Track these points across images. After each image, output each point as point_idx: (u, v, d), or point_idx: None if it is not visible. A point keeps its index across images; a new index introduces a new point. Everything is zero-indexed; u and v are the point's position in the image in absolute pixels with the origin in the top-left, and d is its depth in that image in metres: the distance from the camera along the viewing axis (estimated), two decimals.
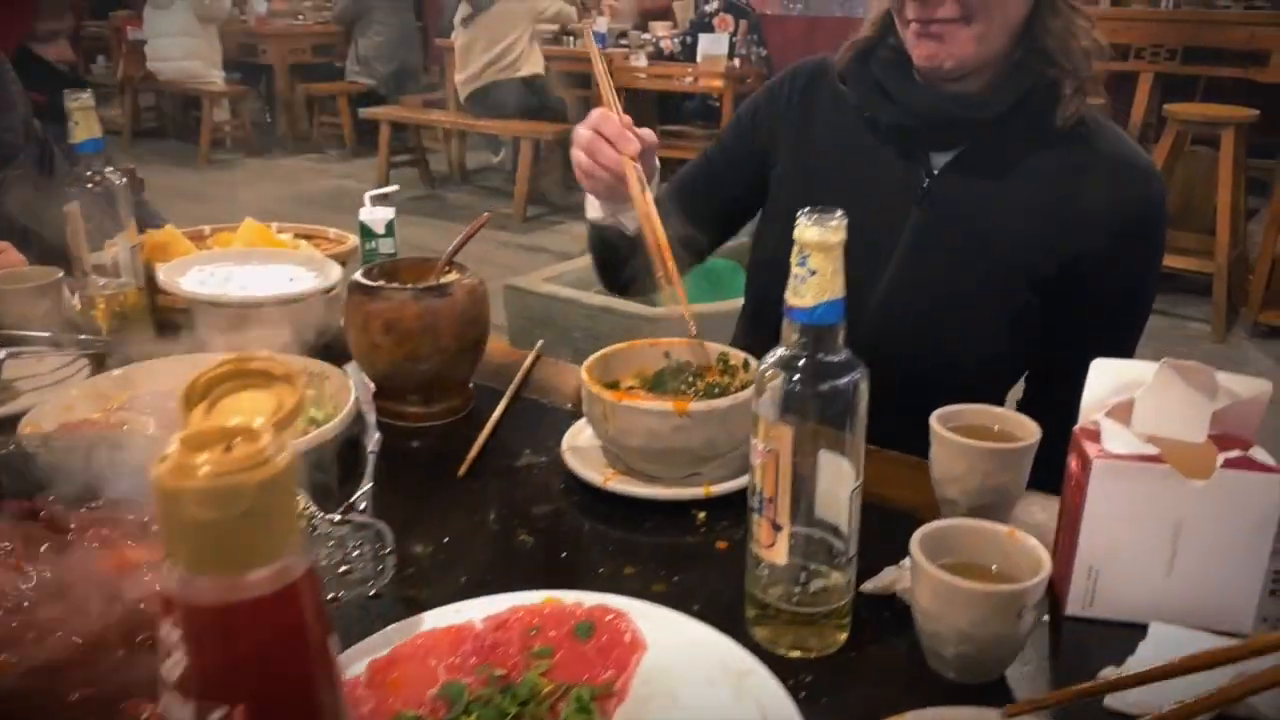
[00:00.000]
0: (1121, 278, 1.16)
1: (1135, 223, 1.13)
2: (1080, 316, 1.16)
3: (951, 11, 1.07)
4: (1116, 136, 1.16)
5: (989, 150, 1.15)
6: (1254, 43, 4.33)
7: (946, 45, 1.08)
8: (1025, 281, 1.15)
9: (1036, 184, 1.14)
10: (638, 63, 5.44)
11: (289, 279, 1.28)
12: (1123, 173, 1.13)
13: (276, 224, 1.63)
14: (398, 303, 1.06)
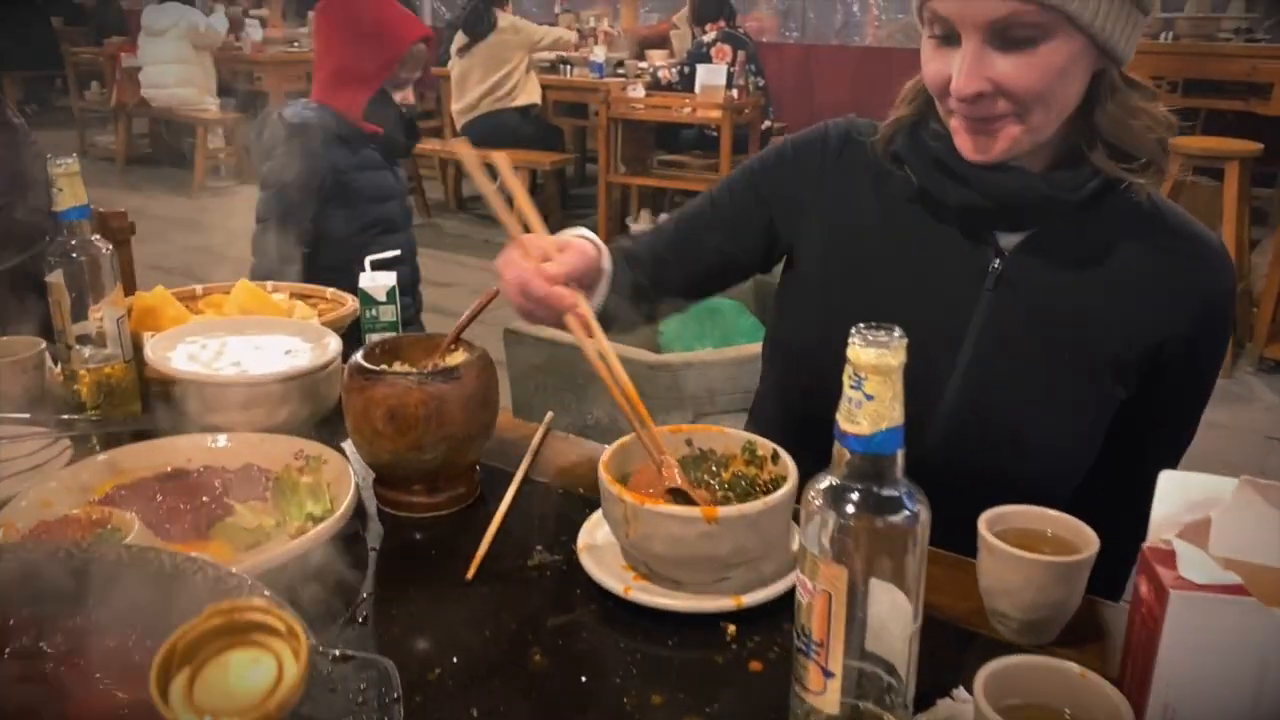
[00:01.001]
0: (1198, 361, 1.10)
1: (1213, 305, 1.08)
2: (1154, 402, 1.10)
3: (1004, 109, 0.98)
4: (1182, 215, 1.10)
5: (1064, 230, 1.07)
6: (1255, 75, 4.30)
7: (997, 140, 1.00)
8: (1111, 370, 1.07)
9: (1116, 265, 1.06)
10: (635, 93, 5.40)
11: (285, 351, 1.21)
12: (1199, 253, 1.08)
13: (272, 283, 1.56)
14: (401, 389, 0.99)
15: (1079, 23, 0.92)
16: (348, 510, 0.96)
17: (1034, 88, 0.95)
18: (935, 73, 1.00)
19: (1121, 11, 0.94)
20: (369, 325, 1.29)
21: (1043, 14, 0.91)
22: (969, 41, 0.95)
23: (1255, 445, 3.48)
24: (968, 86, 0.95)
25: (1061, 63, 0.94)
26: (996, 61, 0.95)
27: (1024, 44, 0.93)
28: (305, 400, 1.16)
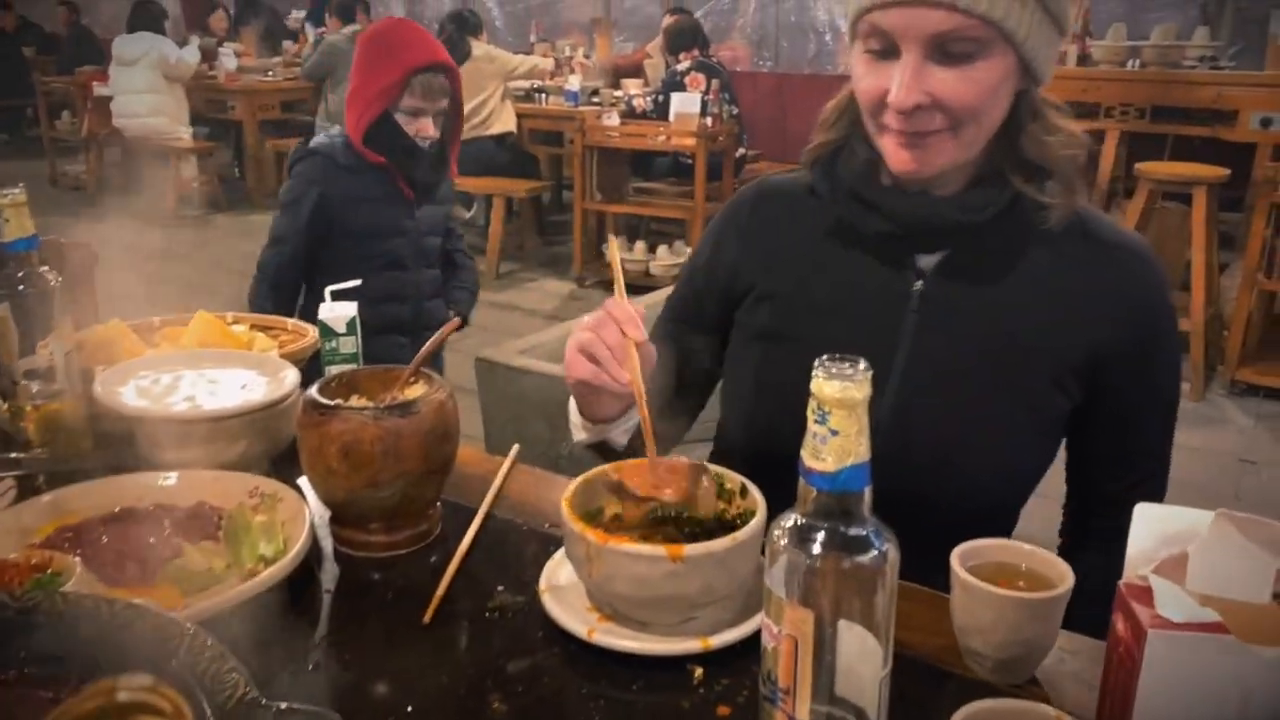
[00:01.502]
0: (1145, 368, 1.09)
1: (1143, 309, 1.08)
2: (1111, 416, 1.10)
3: (940, 123, 0.99)
4: (1106, 223, 1.11)
5: (981, 248, 1.08)
6: (1221, 102, 4.36)
7: (929, 154, 1.00)
8: (1045, 384, 1.07)
9: (1035, 278, 1.07)
10: (610, 121, 5.40)
11: (241, 386, 1.18)
12: (1122, 260, 1.08)
13: (232, 314, 1.53)
14: (355, 425, 0.96)
15: (1014, 40, 0.95)
16: (301, 551, 0.93)
17: (970, 102, 0.97)
18: (871, 87, 1.00)
19: (1045, 32, 0.97)
20: (329, 358, 1.25)
21: (984, 29, 0.93)
22: (909, 54, 0.96)
23: (1229, 468, 3.49)
24: (908, 99, 0.96)
25: (995, 79, 0.97)
26: (935, 75, 0.96)
27: (962, 59, 0.95)
28: (260, 436, 1.12)
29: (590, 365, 1.01)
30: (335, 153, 2.36)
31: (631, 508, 0.93)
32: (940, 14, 0.93)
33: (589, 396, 1.07)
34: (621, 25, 8.58)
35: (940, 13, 0.93)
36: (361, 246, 2.39)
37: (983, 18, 0.93)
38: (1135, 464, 1.13)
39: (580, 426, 1.14)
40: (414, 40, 2.36)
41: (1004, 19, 0.93)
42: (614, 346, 0.99)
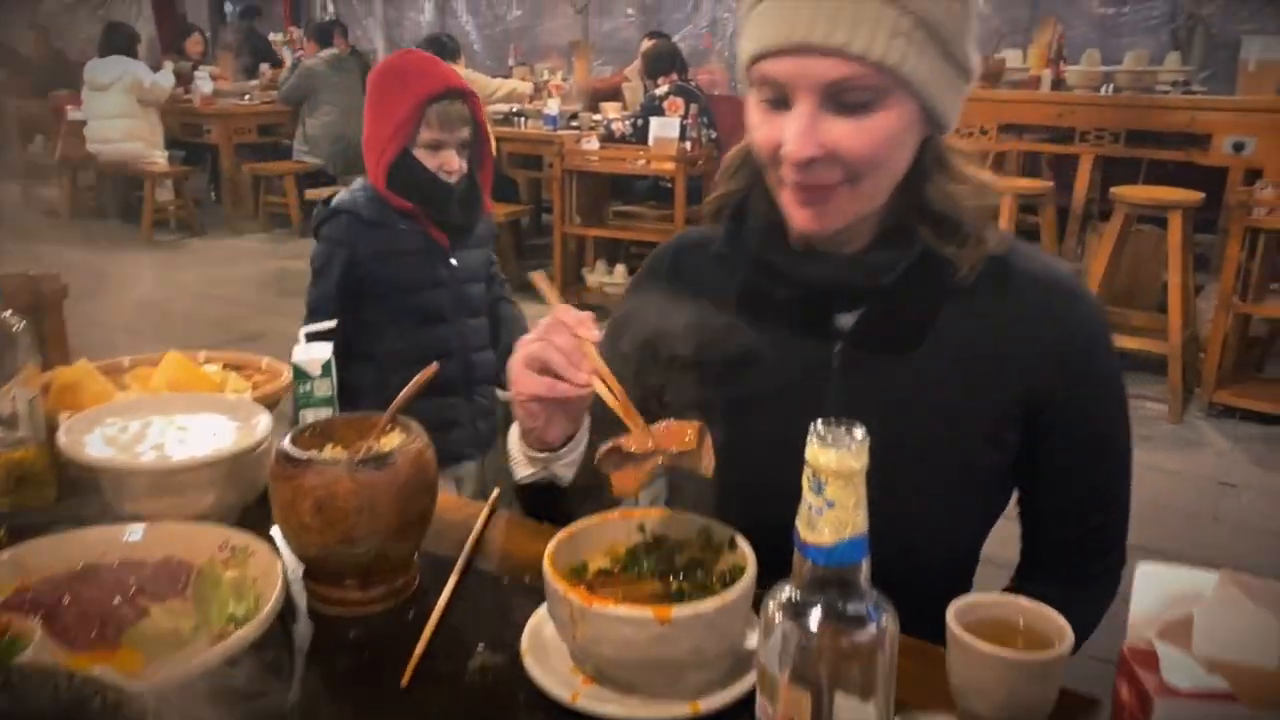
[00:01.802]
0: (1085, 410, 1.05)
1: (1076, 347, 1.03)
2: (1057, 463, 1.06)
3: (837, 176, 0.93)
4: (1034, 260, 1.06)
5: (896, 306, 1.03)
6: (1194, 126, 4.40)
7: (829, 210, 0.96)
8: (979, 436, 1.03)
9: (957, 330, 1.02)
10: (589, 146, 5.40)
11: (212, 433, 1.14)
12: (1051, 300, 1.03)
13: (205, 352, 1.49)
14: (329, 479, 0.92)
15: (913, 87, 0.90)
16: (272, 611, 0.89)
17: (868, 153, 0.92)
18: (765, 138, 0.95)
19: (947, 78, 0.93)
20: (303, 401, 1.22)
21: (879, 77, 0.89)
22: (802, 104, 0.91)
23: (1208, 491, 3.49)
24: (801, 151, 0.91)
25: (895, 128, 0.92)
26: (831, 126, 0.91)
27: (859, 108, 0.91)
28: (231, 486, 1.09)
29: (542, 378, 0.95)
30: (359, 208, 2.15)
31: (632, 472, 0.90)
32: (831, 62, 0.88)
33: (538, 417, 1.00)
34: (600, 49, 8.60)
35: (831, 61, 0.88)
36: (396, 304, 2.16)
37: (877, 65, 0.88)
38: (1086, 515, 1.09)
39: (523, 460, 1.07)
40: (425, 68, 2.17)
41: (900, 65, 0.89)
42: (568, 350, 0.95)
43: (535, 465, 1.06)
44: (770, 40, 0.90)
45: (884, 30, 0.87)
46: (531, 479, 1.07)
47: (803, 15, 0.88)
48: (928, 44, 0.90)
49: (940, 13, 0.90)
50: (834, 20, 0.87)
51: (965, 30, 0.93)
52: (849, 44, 0.87)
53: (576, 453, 1.06)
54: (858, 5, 0.87)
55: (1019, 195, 4.51)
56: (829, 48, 0.87)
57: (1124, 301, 4.66)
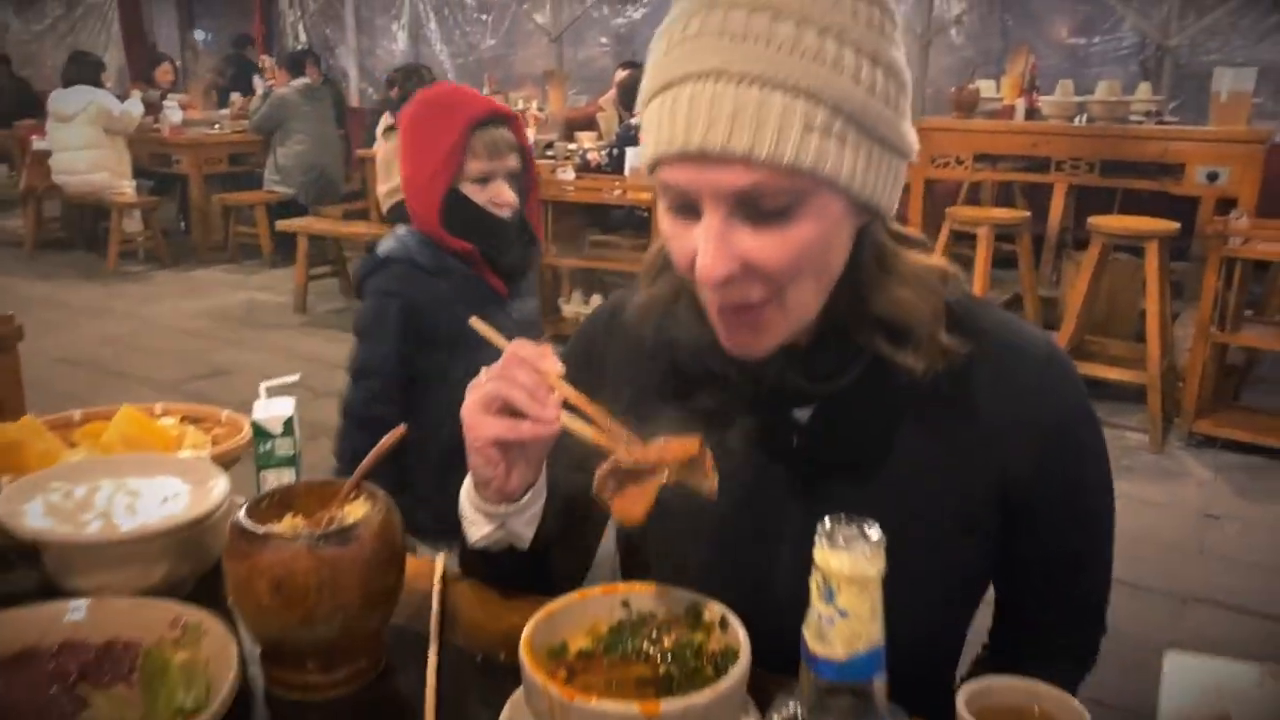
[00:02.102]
0: (1061, 497, 0.96)
1: (1054, 429, 0.94)
2: (1032, 540, 0.98)
3: (761, 294, 0.83)
4: (1003, 332, 0.95)
5: (853, 399, 0.93)
6: (1168, 156, 4.42)
7: (763, 332, 0.86)
8: (955, 532, 0.94)
9: (926, 412, 0.93)
10: (565, 176, 5.35)
11: (163, 499, 1.07)
12: (1021, 367, 0.94)
13: (162, 405, 1.41)
14: (288, 555, 0.85)
15: (838, 185, 0.79)
16: (225, 702, 0.82)
17: (791, 265, 0.81)
18: (679, 251, 0.84)
19: (880, 163, 0.82)
20: (263, 461, 1.15)
21: (795, 181, 0.78)
22: (712, 216, 0.80)
23: (1193, 523, 3.47)
24: (714, 271, 0.79)
25: (821, 233, 0.81)
26: (745, 238, 0.80)
27: (776, 216, 0.79)
28: (184, 557, 1.01)
29: (503, 420, 0.87)
30: (412, 254, 1.91)
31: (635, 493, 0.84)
32: (736, 170, 0.77)
33: (497, 465, 0.91)
34: (575, 78, 8.59)
35: (736, 169, 0.77)
36: (451, 361, 1.85)
37: (791, 169, 0.76)
38: (1067, 588, 1.01)
39: (479, 519, 0.97)
40: (464, 93, 1.98)
41: (818, 166, 0.77)
42: (530, 385, 0.87)
43: (493, 522, 0.97)
44: (665, 147, 0.79)
45: (794, 129, 0.76)
46: (488, 541, 0.99)
47: (698, 117, 0.77)
48: (850, 133, 0.78)
49: (861, 96, 0.78)
50: (734, 122, 0.76)
51: (898, 106, 0.82)
52: (753, 150, 0.76)
53: (538, 504, 0.99)
54: (761, 102, 0.75)
55: (996, 225, 4.51)
56: (731, 154, 0.76)
57: (1102, 331, 4.66)
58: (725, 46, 0.77)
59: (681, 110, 0.78)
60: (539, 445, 0.92)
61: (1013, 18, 7.39)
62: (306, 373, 5.57)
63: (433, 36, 9.84)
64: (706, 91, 0.77)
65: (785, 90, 0.76)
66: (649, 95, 0.82)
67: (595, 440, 0.86)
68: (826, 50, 0.77)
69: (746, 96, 0.76)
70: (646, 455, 0.84)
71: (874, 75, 0.79)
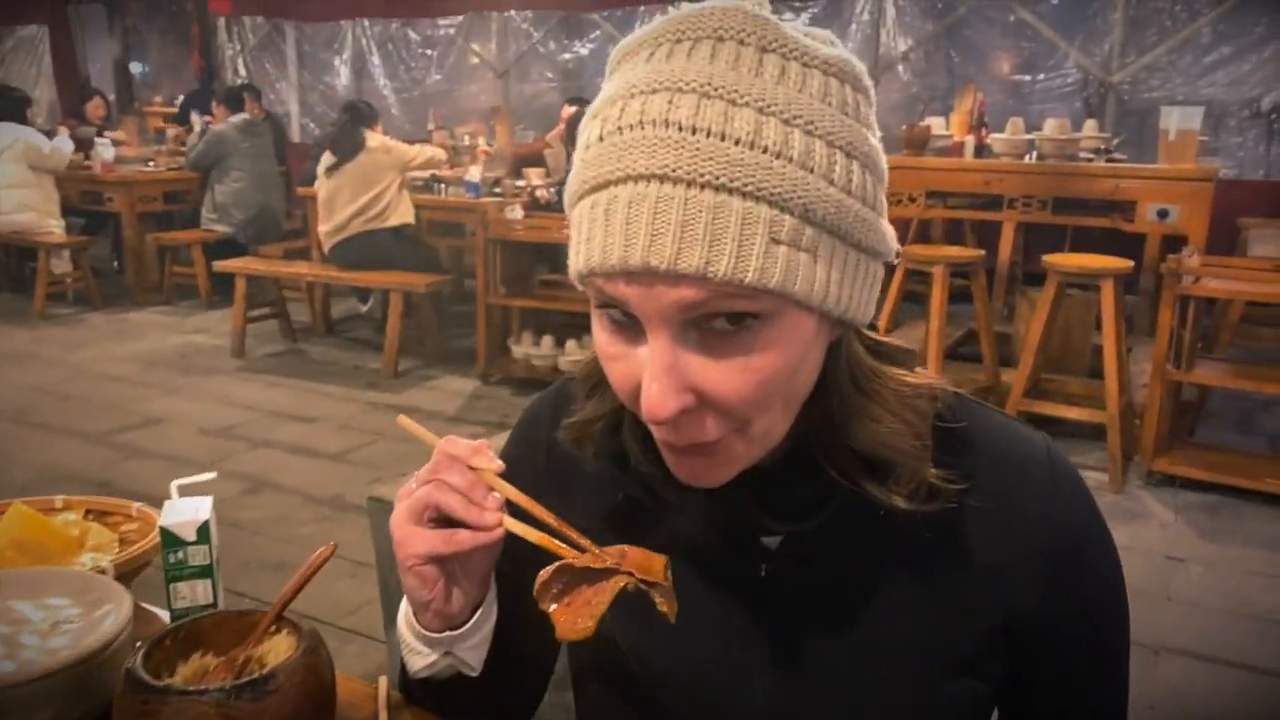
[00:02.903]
0: (1073, 621, 0.83)
1: (1061, 544, 0.81)
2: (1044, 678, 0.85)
3: (715, 429, 0.69)
4: (992, 437, 0.82)
5: (828, 531, 0.80)
6: (1119, 194, 4.44)
7: (719, 464, 0.72)
8: (949, 669, 0.81)
9: (913, 541, 0.79)
10: (514, 215, 5.23)
11: (49, 625, 0.91)
12: (1020, 484, 0.80)
13: (62, 498, 1.25)
14: (193, 715, 0.71)
15: (808, 304, 0.66)
16: None
17: (753, 398, 0.67)
18: (619, 376, 0.70)
19: (859, 268, 0.69)
20: (174, 573, 1.00)
21: (758, 302, 0.64)
22: (657, 340, 0.66)
23: (1158, 566, 3.42)
24: (664, 408, 0.65)
25: (788, 357, 0.67)
26: (698, 366, 0.66)
27: (734, 340, 0.66)
28: (73, 700, 0.86)
29: (437, 531, 0.76)
30: None
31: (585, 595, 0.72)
32: (687, 290, 0.63)
33: (433, 584, 0.79)
34: (521, 113, 8.51)
35: (687, 289, 0.63)
36: None
37: (754, 290, 0.63)
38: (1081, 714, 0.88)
39: (419, 647, 0.84)
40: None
41: (785, 284, 0.63)
42: (465, 487, 0.75)
43: (435, 650, 0.84)
44: (600, 259, 0.64)
45: (757, 241, 0.62)
46: (431, 671, 0.85)
47: (639, 228, 0.62)
48: (823, 242, 0.65)
49: (836, 196, 0.65)
50: (684, 235, 0.62)
51: (876, 202, 0.69)
52: (708, 268, 0.62)
53: (487, 628, 0.85)
54: (716, 210, 0.62)
55: (951, 264, 4.48)
56: (680, 273, 0.62)
57: (1057, 367, 4.65)
58: (672, 140, 0.62)
59: (618, 218, 0.63)
60: (481, 557, 0.79)
61: (958, 55, 7.48)
62: (244, 420, 5.36)
63: (376, 71, 9.71)
64: (650, 196, 0.62)
65: (745, 195, 0.62)
66: (578, 194, 0.67)
67: (542, 544, 0.74)
68: (793, 144, 0.63)
69: (698, 203, 0.61)
70: (603, 558, 0.72)
71: (849, 170, 0.66)
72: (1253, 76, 6.39)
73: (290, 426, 4.70)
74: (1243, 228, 5.69)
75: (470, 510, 0.75)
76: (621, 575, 0.70)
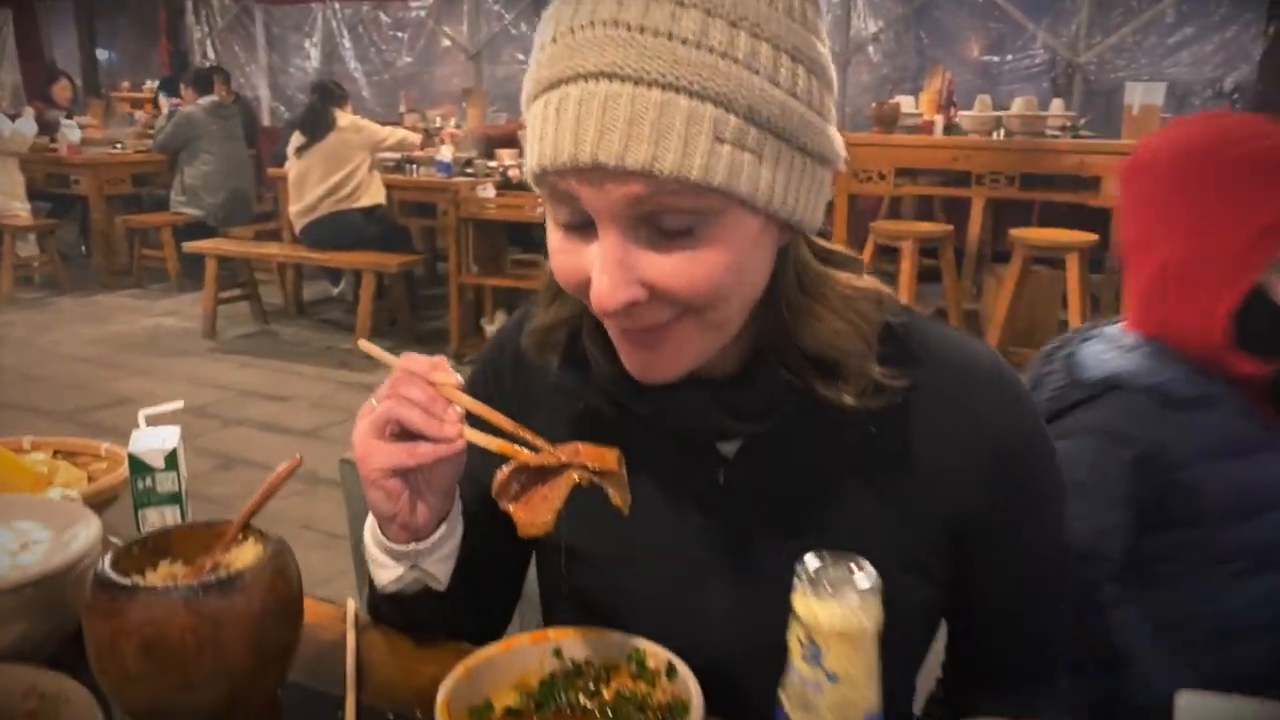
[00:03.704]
0: (1018, 519, 0.87)
1: (1005, 447, 0.84)
2: (987, 578, 0.89)
3: (669, 313, 0.72)
4: (943, 343, 0.86)
5: (781, 434, 0.83)
6: (1084, 169, 4.50)
7: (669, 353, 0.75)
8: (898, 569, 0.82)
9: (861, 446, 0.83)
10: (485, 193, 5.23)
11: (19, 545, 0.92)
12: (967, 392, 0.84)
13: (30, 439, 1.26)
14: (161, 611, 0.73)
15: (753, 203, 0.69)
16: None
17: (702, 290, 0.70)
18: (567, 269, 0.73)
19: (804, 172, 0.72)
20: (142, 499, 1.01)
21: (704, 199, 0.67)
22: (608, 235, 0.69)
23: None
24: (613, 300, 0.69)
25: (734, 255, 0.70)
26: (648, 261, 0.70)
27: (682, 235, 0.69)
28: (42, 615, 0.87)
29: (399, 445, 0.78)
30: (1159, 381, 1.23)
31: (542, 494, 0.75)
32: (635, 186, 0.66)
33: (398, 498, 0.81)
34: (494, 95, 8.47)
35: (635, 184, 0.66)
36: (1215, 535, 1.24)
37: (699, 186, 0.66)
38: (1024, 624, 0.92)
39: (385, 560, 0.86)
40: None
41: (730, 182, 0.67)
42: (425, 401, 0.77)
43: (402, 563, 0.86)
44: (551, 156, 0.67)
45: (702, 139, 0.65)
46: (399, 584, 0.87)
47: (589, 124, 0.65)
48: (768, 143, 0.68)
49: (781, 99, 0.67)
50: (631, 131, 0.65)
51: (822, 107, 0.71)
52: (654, 163, 0.65)
53: (453, 541, 0.87)
54: (663, 108, 0.64)
55: (920, 239, 4.53)
56: (628, 169, 0.65)
57: (1024, 341, 4.71)
58: (621, 40, 0.65)
59: (569, 116, 0.66)
60: (444, 470, 0.82)
61: (928, 36, 7.53)
62: (216, 400, 5.31)
63: (347, 54, 9.62)
64: (599, 93, 0.65)
65: (691, 94, 0.65)
66: (532, 95, 0.70)
67: (503, 451, 0.76)
68: (739, 46, 0.66)
69: (646, 100, 0.64)
70: (557, 455, 0.74)
71: (795, 74, 0.69)
72: (1215, 57, 6.48)
73: (262, 405, 4.68)
74: None
75: (430, 423, 0.77)
76: (574, 469, 0.73)
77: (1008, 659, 0.93)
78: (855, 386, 0.78)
